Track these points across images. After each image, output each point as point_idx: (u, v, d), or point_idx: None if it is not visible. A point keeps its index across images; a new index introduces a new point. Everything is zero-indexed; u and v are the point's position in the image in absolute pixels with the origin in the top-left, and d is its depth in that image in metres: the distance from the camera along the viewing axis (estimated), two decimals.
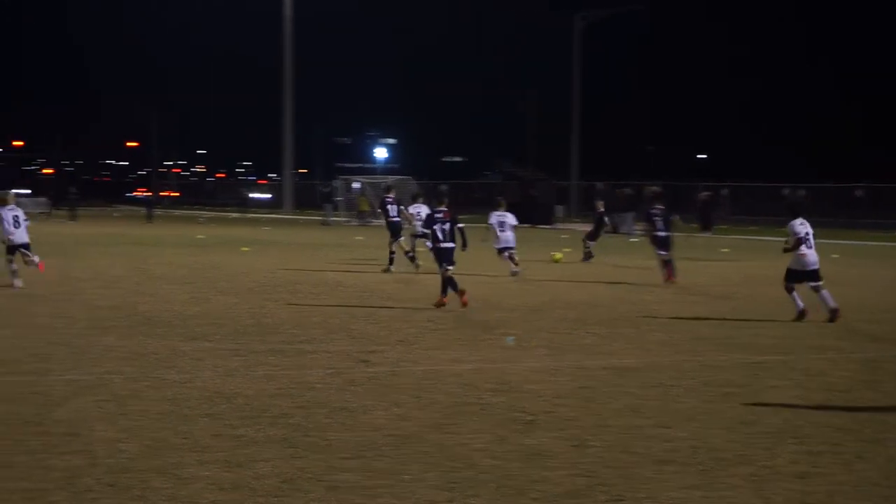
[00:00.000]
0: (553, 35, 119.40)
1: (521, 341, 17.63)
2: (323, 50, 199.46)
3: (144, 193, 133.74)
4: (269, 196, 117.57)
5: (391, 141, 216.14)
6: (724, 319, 21.02)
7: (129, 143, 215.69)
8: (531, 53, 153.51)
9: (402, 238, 32.28)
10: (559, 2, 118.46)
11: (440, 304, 22.22)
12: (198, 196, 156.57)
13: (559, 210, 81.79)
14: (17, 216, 26.09)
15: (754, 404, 12.66)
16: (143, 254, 38.66)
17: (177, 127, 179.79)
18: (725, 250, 41.32)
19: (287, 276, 29.32)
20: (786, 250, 21.15)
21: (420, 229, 30.15)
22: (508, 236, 30.76)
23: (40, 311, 20.71)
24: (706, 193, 70.47)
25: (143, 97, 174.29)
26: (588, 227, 41.11)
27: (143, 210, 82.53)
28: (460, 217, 23.92)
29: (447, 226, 22.84)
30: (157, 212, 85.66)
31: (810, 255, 20.80)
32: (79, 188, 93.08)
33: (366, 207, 78.84)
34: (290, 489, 8.86)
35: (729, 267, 34.65)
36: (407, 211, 32.84)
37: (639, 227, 30.03)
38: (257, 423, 11.16)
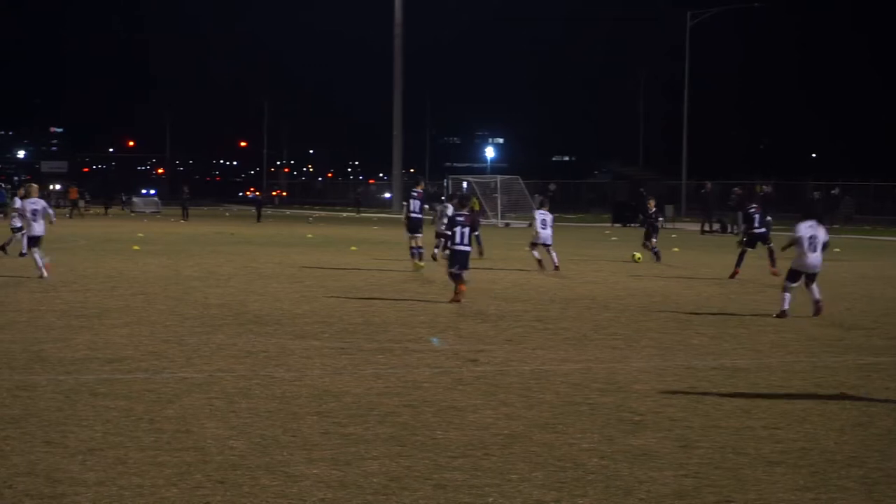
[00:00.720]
0: (666, 33, 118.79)
1: (629, 341, 17.56)
2: (432, 49, 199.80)
3: (254, 193, 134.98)
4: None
5: (499, 140, 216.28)
6: (836, 320, 20.78)
7: (240, 143, 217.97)
8: (643, 51, 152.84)
9: (421, 235, 32.73)
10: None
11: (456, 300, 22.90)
12: (307, 195, 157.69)
13: (668, 209, 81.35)
14: (36, 209, 26.52)
15: (867, 406, 12.50)
16: (252, 253, 39.03)
17: (286, 126, 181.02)
18: (837, 250, 40.76)
19: (395, 275, 29.44)
20: (783, 248, 22.40)
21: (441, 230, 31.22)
22: (548, 234, 32.41)
23: (154, 309, 20.98)
24: (818, 192, 69.73)
25: (255, 97, 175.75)
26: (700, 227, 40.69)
27: (253, 209, 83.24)
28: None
29: (466, 230, 23.59)
30: (267, 211, 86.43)
31: (812, 257, 21.32)
32: (190, 188, 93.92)
33: (476, 207, 79.15)
34: (398, 487, 8.90)
35: (840, 267, 34.19)
36: (436, 209, 33.73)
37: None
38: (365, 422, 11.22)
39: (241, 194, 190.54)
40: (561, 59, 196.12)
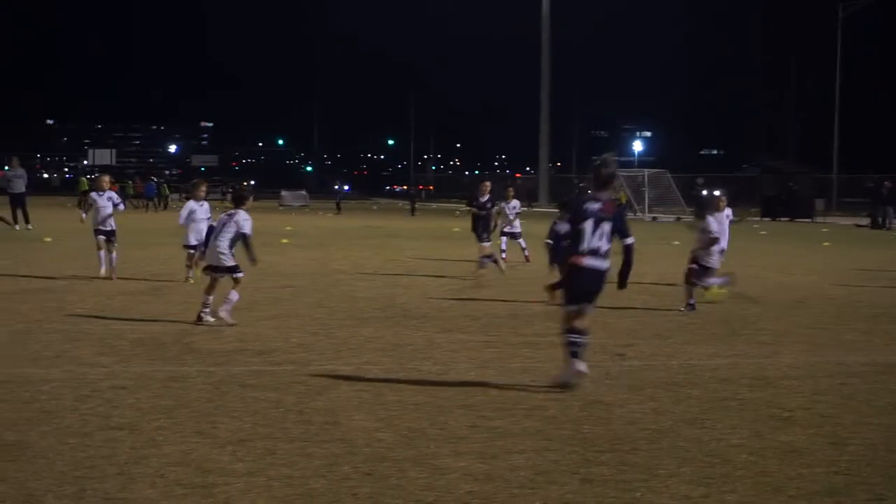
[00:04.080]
0: (816, 25, 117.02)
1: (779, 336, 17.32)
2: (581, 43, 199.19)
3: (402, 187, 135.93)
4: None
5: (647, 134, 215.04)
6: None
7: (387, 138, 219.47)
8: (793, 44, 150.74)
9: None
10: None
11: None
12: (454, 190, 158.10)
13: (819, 203, 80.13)
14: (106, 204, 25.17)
15: None
16: (400, 246, 39.25)
17: (432, 121, 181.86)
18: None
19: (542, 270, 29.34)
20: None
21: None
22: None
23: (303, 301, 21.19)
24: None
25: (400, 90, 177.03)
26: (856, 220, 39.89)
27: (401, 203, 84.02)
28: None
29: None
30: (415, 205, 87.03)
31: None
32: (341, 182, 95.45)
33: (623, 200, 79.30)
34: (545, 481, 8.88)
35: None
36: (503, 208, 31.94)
37: None
38: (512, 415, 11.21)
39: (387, 188, 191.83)
40: (710, 52, 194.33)
